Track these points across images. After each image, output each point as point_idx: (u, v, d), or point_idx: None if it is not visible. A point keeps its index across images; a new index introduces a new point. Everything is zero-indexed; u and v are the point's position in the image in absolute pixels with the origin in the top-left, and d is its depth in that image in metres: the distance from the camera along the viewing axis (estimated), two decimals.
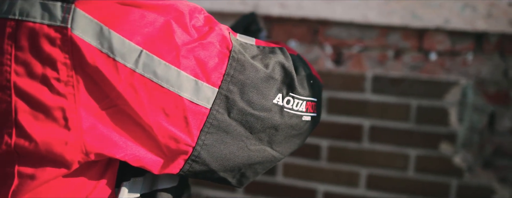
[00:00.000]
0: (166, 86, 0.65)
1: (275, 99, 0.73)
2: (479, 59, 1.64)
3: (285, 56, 0.76)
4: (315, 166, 1.79)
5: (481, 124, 1.66)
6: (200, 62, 0.67)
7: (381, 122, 1.71)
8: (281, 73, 0.74)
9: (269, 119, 0.73)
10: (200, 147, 0.69)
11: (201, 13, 0.72)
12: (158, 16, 0.65)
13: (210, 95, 0.68)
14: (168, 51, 0.65)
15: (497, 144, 1.67)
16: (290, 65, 0.75)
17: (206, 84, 0.68)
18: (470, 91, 1.63)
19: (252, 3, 1.72)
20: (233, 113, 0.70)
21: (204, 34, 0.69)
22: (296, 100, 0.75)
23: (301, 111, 0.77)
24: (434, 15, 1.60)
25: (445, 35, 1.64)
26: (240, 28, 1.17)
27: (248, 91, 0.70)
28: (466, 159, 1.67)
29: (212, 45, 0.69)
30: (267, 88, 0.72)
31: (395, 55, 1.70)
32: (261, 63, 0.73)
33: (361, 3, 1.64)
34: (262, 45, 0.78)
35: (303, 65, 0.81)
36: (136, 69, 0.64)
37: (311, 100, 0.79)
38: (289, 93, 0.75)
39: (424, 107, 1.67)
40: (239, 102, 0.70)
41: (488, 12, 1.56)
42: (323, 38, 1.74)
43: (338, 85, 1.72)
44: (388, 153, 1.72)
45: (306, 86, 0.78)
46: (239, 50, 0.71)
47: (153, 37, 0.64)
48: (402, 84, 1.68)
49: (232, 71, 0.69)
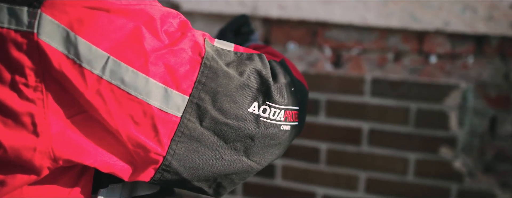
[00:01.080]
0: (134, 93, 0.64)
1: (250, 108, 0.71)
2: (479, 62, 1.61)
3: (263, 63, 0.74)
4: (314, 169, 1.78)
5: (482, 128, 1.63)
6: (170, 69, 0.66)
7: (380, 126, 1.69)
8: (257, 81, 0.71)
9: (244, 128, 0.70)
10: (171, 156, 0.68)
11: (176, 18, 0.69)
12: (127, 21, 0.63)
13: (180, 103, 0.66)
14: (136, 57, 0.64)
15: (498, 149, 1.64)
16: (267, 72, 0.73)
17: (176, 92, 0.66)
18: (470, 94, 1.61)
19: (251, 5, 1.71)
20: (206, 122, 0.68)
21: (176, 40, 0.67)
22: (273, 109, 0.73)
23: (279, 121, 0.74)
24: (433, 17, 1.58)
25: (445, 37, 1.62)
26: (231, 30, 1.15)
27: (220, 100, 0.68)
28: (466, 164, 1.65)
29: (183, 52, 0.67)
30: (241, 96, 0.70)
31: (394, 57, 1.68)
32: (236, 70, 0.71)
33: (360, 5, 1.62)
34: (240, 51, 0.75)
35: (284, 72, 0.78)
36: (103, 76, 0.63)
37: (291, 108, 0.76)
38: (266, 102, 0.72)
39: (423, 111, 1.65)
40: (211, 110, 0.68)
41: (488, 14, 1.54)
42: (322, 40, 1.72)
43: (337, 88, 1.70)
44: (388, 156, 1.70)
45: (285, 94, 0.75)
46: (213, 57, 0.69)
47: (121, 43, 0.63)
48: (402, 87, 1.66)
49: (203, 78, 0.67)
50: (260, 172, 1.81)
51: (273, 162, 1.81)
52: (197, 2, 1.76)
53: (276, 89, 0.74)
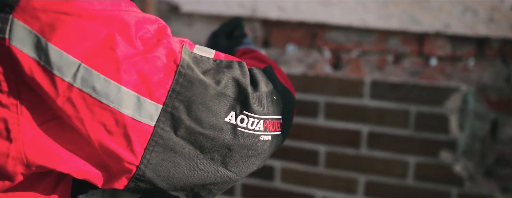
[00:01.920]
0: (105, 102, 0.63)
1: (227, 118, 0.69)
2: (480, 65, 1.59)
3: (242, 71, 0.72)
4: (313, 172, 1.76)
5: (483, 132, 1.61)
6: (143, 77, 0.64)
7: (379, 128, 1.67)
8: (234, 90, 0.70)
9: (220, 138, 0.69)
10: (145, 166, 0.66)
11: (154, 24, 0.68)
12: (100, 27, 0.62)
13: (153, 112, 0.65)
14: (108, 65, 0.62)
15: (499, 153, 1.62)
16: (245, 81, 0.71)
17: (149, 101, 0.65)
18: (471, 97, 1.59)
19: (250, 6, 1.70)
20: (180, 131, 0.67)
21: (151, 47, 0.65)
22: (251, 118, 0.71)
23: (258, 131, 0.72)
24: (433, 19, 1.56)
25: (446, 40, 1.60)
26: (223, 33, 1.13)
27: (195, 109, 0.67)
28: (467, 168, 1.63)
29: (157, 59, 0.65)
30: (217, 105, 0.68)
31: (394, 60, 1.67)
32: (213, 78, 0.69)
33: (359, 7, 1.61)
34: (220, 58, 0.73)
35: (266, 80, 0.75)
36: (74, 84, 0.62)
37: (272, 118, 0.74)
38: (243, 111, 0.70)
39: (423, 114, 1.63)
40: (186, 120, 0.66)
41: (489, 16, 1.52)
42: (322, 42, 1.71)
43: (336, 90, 1.69)
44: (387, 160, 1.68)
45: (265, 103, 0.72)
46: (189, 64, 0.67)
47: (93, 50, 0.62)
48: (402, 89, 1.64)
49: (178, 87, 0.66)
50: (259, 174, 1.80)
51: (272, 164, 1.80)
52: (197, 4, 1.75)
53: (255, 98, 0.71)
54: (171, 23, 1.84)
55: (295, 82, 1.71)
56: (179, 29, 1.83)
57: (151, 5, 1.69)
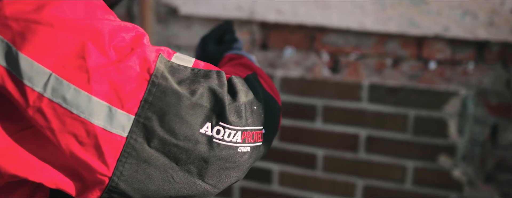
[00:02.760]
0: (76, 112, 0.62)
1: (202, 129, 0.67)
2: (480, 69, 1.57)
3: (219, 81, 0.70)
4: (311, 175, 1.75)
5: (483, 137, 1.59)
6: (115, 87, 0.63)
7: (377, 132, 1.66)
8: (210, 100, 0.68)
9: (195, 150, 0.67)
10: (118, 178, 0.65)
11: (130, 32, 0.67)
12: (72, 37, 0.61)
13: (125, 123, 0.64)
14: (78, 75, 0.61)
15: (499, 158, 1.59)
16: (222, 91, 0.69)
17: (121, 111, 0.63)
18: (470, 102, 1.57)
19: (248, 9, 1.69)
20: (154, 142, 0.65)
21: (124, 56, 0.64)
22: (228, 130, 0.68)
23: (235, 142, 0.69)
24: (432, 23, 1.54)
25: (445, 43, 1.58)
26: (213, 38, 1.11)
27: (169, 120, 0.65)
28: (466, 173, 1.61)
29: (130, 69, 0.64)
30: (192, 116, 0.66)
31: (393, 63, 1.65)
32: (188, 88, 0.67)
33: (357, 10, 1.59)
34: (199, 67, 0.71)
35: (247, 89, 0.73)
36: (44, 94, 0.61)
37: (251, 129, 0.72)
38: (219, 123, 0.68)
39: (422, 118, 1.61)
40: (159, 131, 0.65)
41: (489, 19, 1.49)
42: (320, 45, 1.70)
43: (334, 94, 1.68)
44: (385, 164, 1.67)
45: (243, 114, 0.70)
46: (163, 74, 0.66)
47: (64, 60, 0.61)
48: (400, 93, 1.62)
49: (150, 97, 0.64)
50: (257, 178, 1.79)
51: (270, 168, 1.79)
52: (195, 7, 1.75)
53: (233, 109, 0.69)
54: (170, 25, 1.84)
55: (293, 85, 1.70)
56: (178, 31, 1.83)
57: (148, 7, 1.69)
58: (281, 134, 1.75)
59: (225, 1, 1.71)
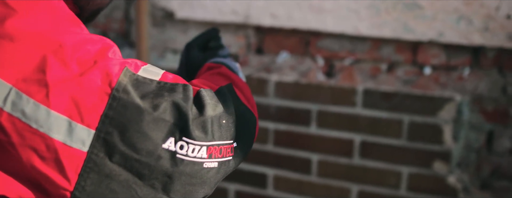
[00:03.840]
0: (35, 126, 0.61)
1: (165, 144, 0.66)
2: (476, 75, 1.55)
3: (185, 95, 0.68)
4: (306, 180, 1.75)
5: (478, 143, 1.57)
6: (76, 101, 0.62)
7: (372, 138, 1.65)
8: (173, 115, 0.66)
9: (158, 166, 0.66)
10: (80, 192, 0.64)
11: (96, 45, 0.66)
12: (33, 50, 0.61)
13: (85, 138, 0.63)
14: (38, 89, 0.61)
15: (495, 165, 1.57)
16: (186, 105, 0.67)
17: (81, 125, 0.63)
18: (466, 108, 1.55)
19: (243, 13, 1.69)
20: (115, 158, 0.64)
21: (86, 70, 0.64)
22: (191, 145, 0.67)
23: (200, 158, 0.68)
24: (427, 28, 1.53)
25: (440, 48, 1.57)
26: (197, 45, 1.08)
27: (130, 135, 0.64)
28: (461, 179, 1.59)
29: (92, 82, 0.63)
30: (153, 131, 0.65)
31: (388, 68, 1.64)
32: (151, 103, 0.66)
33: (352, 15, 1.58)
34: (167, 80, 0.70)
35: (215, 103, 0.72)
36: (4, 108, 0.61)
37: (218, 144, 0.70)
38: (183, 138, 0.67)
39: (417, 124, 1.59)
40: (120, 146, 0.64)
41: (484, 25, 1.48)
42: (315, 49, 1.69)
43: (328, 99, 1.67)
44: (380, 169, 1.66)
45: (209, 129, 0.69)
46: (125, 88, 0.65)
47: (24, 73, 0.61)
48: (395, 99, 1.61)
49: (111, 112, 0.63)
50: (252, 182, 1.79)
51: (265, 172, 1.79)
52: (191, 11, 1.75)
53: (198, 123, 0.68)
54: (166, 29, 1.84)
55: (288, 90, 1.70)
56: (174, 35, 1.83)
57: (144, 11, 1.70)
58: (276, 138, 1.75)
59: (221, 5, 1.71)
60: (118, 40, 1.95)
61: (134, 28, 1.85)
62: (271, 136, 1.75)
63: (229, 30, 1.77)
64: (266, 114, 1.73)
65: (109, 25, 1.93)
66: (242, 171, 1.80)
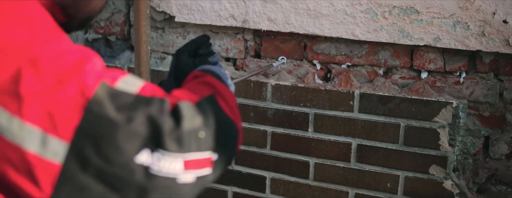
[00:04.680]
0: (9, 138, 0.61)
1: (138, 157, 0.65)
2: (472, 79, 1.55)
3: (161, 109, 0.68)
4: (303, 183, 1.75)
5: (475, 148, 1.57)
6: (50, 113, 0.62)
7: (369, 142, 1.65)
8: (147, 128, 0.66)
9: (132, 179, 0.65)
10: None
11: (74, 56, 0.66)
12: (9, 62, 0.62)
13: (59, 150, 0.63)
14: (12, 100, 0.61)
15: (492, 170, 1.57)
16: (161, 119, 0.67)
17: (55, 138, 0.62)
18: (462, 112, 1.55)
19: (241, 18, 1.70)
20: (89, 170, 0.64)
21: (62, 82, 0.63)
22: (167, 158, 0.66)
23: (175, 171, 0.67)
24: (423, 33, 1.53)
25: (437, 53, 1.56)
26: (187, 51, 1.08)
27: (104, 147, 0.63)
28: (458, 184, 1.59)
29: (67, 95, 0.63)
30: (127, 144, 0.64)
31: (384, 73, 1.64)
32: (126, 115, 0.65)
33: (348, 20, 1.59)
34: (144, 93, 0.70)
35: (194, 115, 0.71)
36: None
37: (195, 156, 0.69)
38: (157, 151, 0.66)
39: (413, 128, 1.59)
40: (94, 158, 0.63)
41: (481, 30, 1.47)
42: (312, 54, 1.70)
43: (325, 103, 1.67)
44: (377, 173, 1.66)
45: (186, 141, 0.68)
46: (100, 100, 0.64)
47: (0, 85, 0.61)
48: (391, 103, 1.61)
49: (86, 124, 0.63)
50: (249, 185, 1.80)
51: (263, 174, 1.79)
52: (190, 15, 1.76)
53: (173, 136, 0.67)
54: (166, 33, 1.86)
55: (285, 94, 1.71)
56: (173, 38, 1.84)
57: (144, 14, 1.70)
58: (273, 142, 1.75)
59: (219, 9, 1.72)
60: (119, 43, 1.97)
61: (134, 32, 1.86)
62: (268, 139, 1.76)
63: (227, 34, 1.78)
64: (264, 118, 1.74)
65: (110, 29, 1.94)
66: (240, 174, 1.81)
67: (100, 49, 2.00)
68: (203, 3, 1.73)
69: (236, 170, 1.82)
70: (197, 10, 1.75)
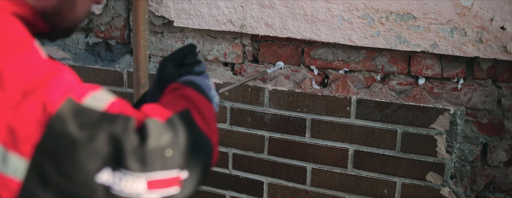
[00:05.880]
0: None
1: (99, 176, 0.64)
2: (470, 86, 1.53)
3: (124, 127, 0.66)
4: (301, 188, 1.75)
5: (473, 155, 1.55)
6: (11, 129, 0.61)
7: (366, 148, 1.64)
8: (109, 147, 0.64)
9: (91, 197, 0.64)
10: None
11: (41, 71, 0.65)
12: None
13: (19, 167, 0.62)
14: None
15: (490, 177, 1.55)
16: (123, 137, 0.65)
17: (16, 154, 0.61)
18: (460, 119, 1.53)
19: (239, 23, 1.70)
20: (50, 188, 0.63)
21: (26, 97, 0.62)
22: (128, 177, 0.65)
23: (137, 190, 0.65)
24: (420, 39, 1.51)
25: (434, 59, 1.55)
26: (172, 61, 1.04)
27: (65, 165, 0.62)
28: (455, 191, 1.57)
29: (29, 111, 0.62)
30: (88, 162, 0.63)
31: (382, 78, 1.63)
32: (89, 133, 0.64)
33: (345, 25, 1.58)
34: (112, 110, 0.68)
35: (161, 133, 0.69)
36: None
37: (160, 175, 0.67)
38: (119, 170, 0.65)
39: (410, 134, 1.58)
40: (54, 176, 0.62)
41: (478, 36, 1.46)
42: (310, 59, 1.69)
43: (322, 108, 1.67)
44: (374, 179, 1.65)
45: (150, 160, 0.66)
46: (62, 117, 0.63)
47: None
48: (388, 109, 1.60)
49: (46, 141, 0.62)
50: (247, 190, 1.80)
51: (261, 179, 1.79)
52: (189, 19, 1.77)
53: (136, 155, 0.66)
54: (165, 37, 1.86)
55: (283, 99, 1.70)
56: (172, 43, 1.85)
57: (142, 19, 1.71)
58: (270, 147, 1.75)
59: (217, 14, 1.72)
60: (119, 47, 1.98)
61: (132, 36, 1.87)
62: (266, 144, 1.76)
63: (225, 39, 1.78)
64: (261, 123, 1.74)
65: (110, 33, 1.95)
66: (238, 179, 1.82)
67: (100, 53, 2.02)
68: (201, 8, 1.74)
69: (234, 175, 1.82)
70: (196, 15, 1.75)
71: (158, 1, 1.80)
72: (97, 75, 1.95)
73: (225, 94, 1.76)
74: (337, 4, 1.57)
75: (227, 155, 1.82)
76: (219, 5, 1.71)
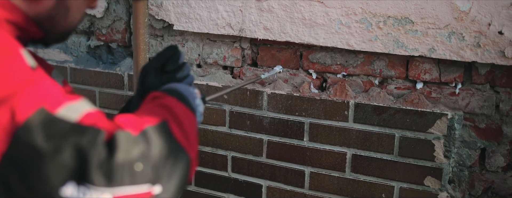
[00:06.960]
0: None
1: (63, 189, 0.63)
2: (468, 91, 1.53)
3: (92, 140, 0.65)
4: (299, 192, 1.75)
5: (471, 160, 1.55)
6: None
7: (364, 152, 1.64)
8: (74, 160, 0.63)
9: None
10: None
11: (17, 78, 0.64)
12: None
13: None
14: None
15: (488, 182, 1.55)
16: (90, 150, 0.64)
17: None
18: (458, 124, 1.53)
19: (237, 27, 1.71)
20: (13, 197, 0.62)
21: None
22: (93, 192, 0.63)
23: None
24: (418, 43, 1.51)
25: (432, 64, 1.55)
26: (153, 69, 0.97)
27: (29, 177, 0.62)
28: (453, 196, 1.57)
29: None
30: (52, 174, 0.62)
31: (380, 83, 1.63)
32: (53, 145, 0.63)
33: (343, 29, 1.58)
34: (83, 121, 0.66)
35: (132, 147, 0.67)
36: None
37: (127, 190, 0.65)
38: (84, 184, 0.63)
39: (408, 139, 1.58)
40: (17, 186, 0.62)
41: (476, 41, 1.45)
42: (308, 63, 1.69)
43: (320, 112, 1.67)
44: (372, 184, 1.65)
45: (117, 174, 0.65)
46: (30, 128, 0.62)
47: None
48: (386, 113, 1.60)
49: (12, 151, 0.61)
50: (246, 192, 1.80)
51: (259, 182, 1.80)
52: (188, 23, 1.78)
53: (103, 169, 0.64)
54: (165, 41, 1.87)
55: (281, 103, 1.71)
56: None
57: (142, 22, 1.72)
58: (269, 150, 1.76)
59: (216, 18, 1.73)
60: (120, 50, 1.99)
61: (133, 39, 1.88)
62: (264, 147, 1.76)
63: (225, 43, 1.79)
64: (260, 126, 1.75)
65: (111, 36, 1.97)
66: (237, 182, 1.82)
67: (102, 55, 2.03)
68: (201, 11, 1.75)
69: (233, 178, 1.83)
70: (195, 18, 1.76)
71: (158, 4, 1.81)
72: (99, 77, 1.96)
73: (224, 97, 1.77)
74: (335, 8, 1.57)
75: (226, 158, 1.83)
76: (219, 9, 1.72)
